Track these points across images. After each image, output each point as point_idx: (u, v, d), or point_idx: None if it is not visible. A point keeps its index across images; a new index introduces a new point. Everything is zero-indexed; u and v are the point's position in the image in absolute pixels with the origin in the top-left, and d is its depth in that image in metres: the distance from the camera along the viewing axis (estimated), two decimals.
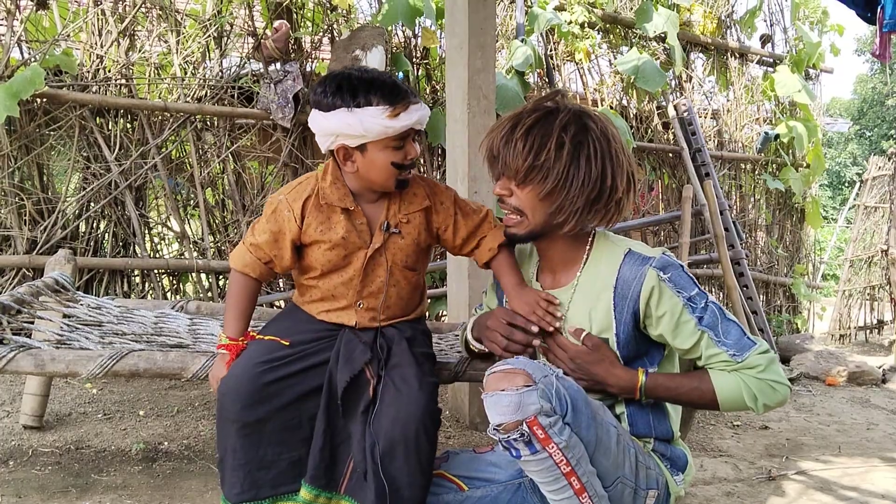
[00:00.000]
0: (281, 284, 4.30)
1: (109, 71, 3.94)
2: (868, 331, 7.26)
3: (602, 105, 5.21)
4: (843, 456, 3.09)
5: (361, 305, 1.59)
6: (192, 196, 4.16)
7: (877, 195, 7.42)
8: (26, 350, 1.71)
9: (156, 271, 3.98)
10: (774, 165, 6.26)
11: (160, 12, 4.06)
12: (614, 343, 1.48)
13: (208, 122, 4.14)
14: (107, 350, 1.77)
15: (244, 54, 4.24)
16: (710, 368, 1.43)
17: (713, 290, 5.93)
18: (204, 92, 4.10)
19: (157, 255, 4.15)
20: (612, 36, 5.43)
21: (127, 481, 2.35)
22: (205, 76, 4.12)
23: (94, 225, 3.94)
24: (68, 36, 3.93)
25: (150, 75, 4.11)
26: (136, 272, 3.98)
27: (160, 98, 4.13)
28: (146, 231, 4.06)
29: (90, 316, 2.20)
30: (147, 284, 4.00)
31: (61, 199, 3.82)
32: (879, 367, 5.08)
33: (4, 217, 3.72)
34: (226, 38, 4.22)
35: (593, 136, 1.43)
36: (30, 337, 1.95)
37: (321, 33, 4.42)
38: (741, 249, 5.19)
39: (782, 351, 5.37)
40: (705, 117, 5.99)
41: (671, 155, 5.58)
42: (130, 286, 3.98)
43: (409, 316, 1.69)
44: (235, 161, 4.19)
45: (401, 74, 4.44)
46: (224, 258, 4.05)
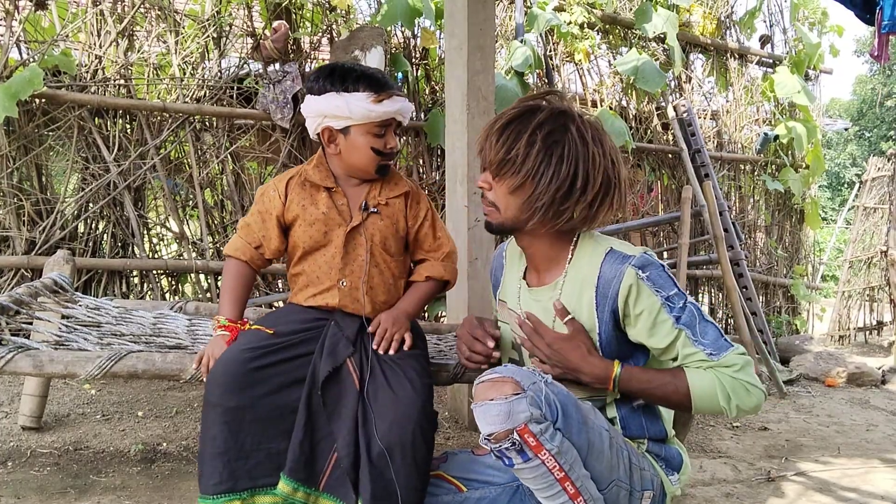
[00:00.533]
0: (280, 286, 4.30)
1: (108, 71, 3.93)
2: (867, 332, 7.26)
3: (601, 106, 5.21)
4: (842, 457, 3.09)
5: (344, 284, 1.66)
6: (191, 197, 4.16)
7: (876, 196, 7.43)
8: (25, 351, 1.71)
9: (154, 272, 3.98)
10: (774, 166, 6.26)
11: (159, 13, 4.06)
12: (597, 342, 1.48)
13: (207, 123, 4.14)
14: (105, 351, 1.76)
15: (243, 54, 4.24)
16: (687, 367, 1.42)
17: (712, 290, 5.93)
18: (203, 92, 4.10)
19: (156, 256, 4.14)
20: (611, 36, 5.43)
21: (126, 482, 2.35)
22: (203, 77, 4.12)
23: (93, 225, 3.93)
24: (67, 36, 3.92)
25: (148, 76, 4.11)
26: (135, 273, 3.98)
27: (159, 98, 4.12)
28: (145, 232, 4.05)
29: (89, 317, 2.19)
30: (146, 285, 3.99)
31: (60, 199, 3.82)
32: (879, 369, 5.08)
33: (3, 217, 3.71)
34: (225, 39, 4.22)
35: (569, 136, 1.44)
36: (28, 338, 1.95)
37: (320, 34, 4.42)
38: (740, 250, 5.19)
39: (782, 352, 5.37)
40: (705, 118, 5.99)
41: (670, 156, 5.58)
42: (129, 287, 3.97)
43: None
44: (234, 162, 4.18)
45: (400, 75, 4.44)
46: (223, 259, 4.04)
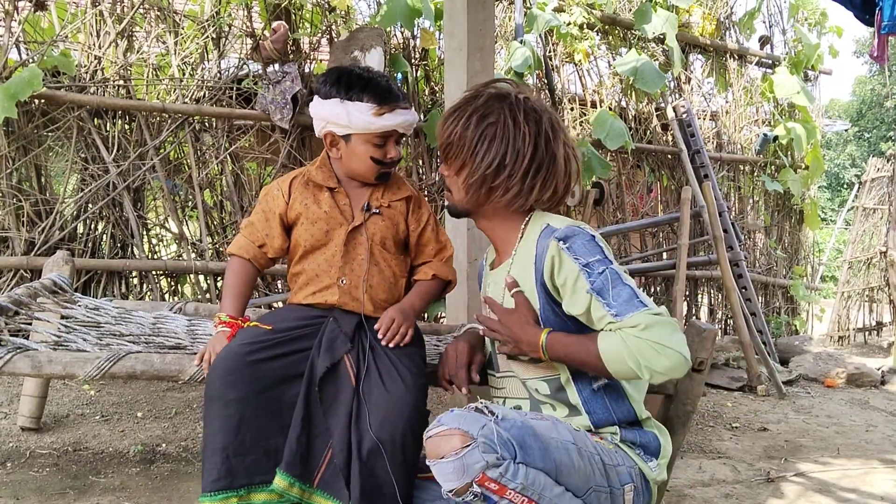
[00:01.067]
0: (280, 286, 4.30)
1: (107, 72, 3.93)
2: (867, 332, 7.27)
3: (601, 106, 5.21)
4: (841, 457, 3.09)
5: (344, 282, 1.66)
6: (191, 197, 4.16)
7: (875, 197, 7.44)
8: (23, 352, 1.70)
9: (154, 273, 3.97)
10: (773, 167, 6.26)
11: (158, 13, 4.06)
12: (539, 317, 1.48)
13: (206, 124, 4.14)
14: (104, 352, 1.76)
15: (242, 55, 4.24)
16: (601, 331, 1.40)
17: (712, 291, 5.93)
18: (202, 93, 4.09)
19: (156, 257, 4.14)
20: (610, 37, 5.43)
21: (125, 483, 2.35)
22: (203, 77, 4.12)
23: (92, 226, 3.93)
24: (66, 37, 3.92)
25: (148, 76, 4.11)
26: (134, 273, 3.97)
27: (158, 99, 4.12)
28: (144, 232, 4.05)
29: (88, 317, 2.19)
30: (145, 286, 3.99)
31: (59, 200, 3.81)
32: (878, 369, 5.08)
33: (2, 218, 3.71)
34: (224, 39, 4.22)
35: (502, 117, 1.49)
36: (27, 338, 1.95)
37: (320, 34, 4.42)
38: (740, 251, 5.19)
39: (781, 353, 5.37)
40: (704, 119, 5.99)
41: (670, 156, 5.58)
42: (128, 287, 3.97)
43: None
44: (234, 162, 4.18)
45: (399, 75, 4.44)
46: (223, 260, 4.04)
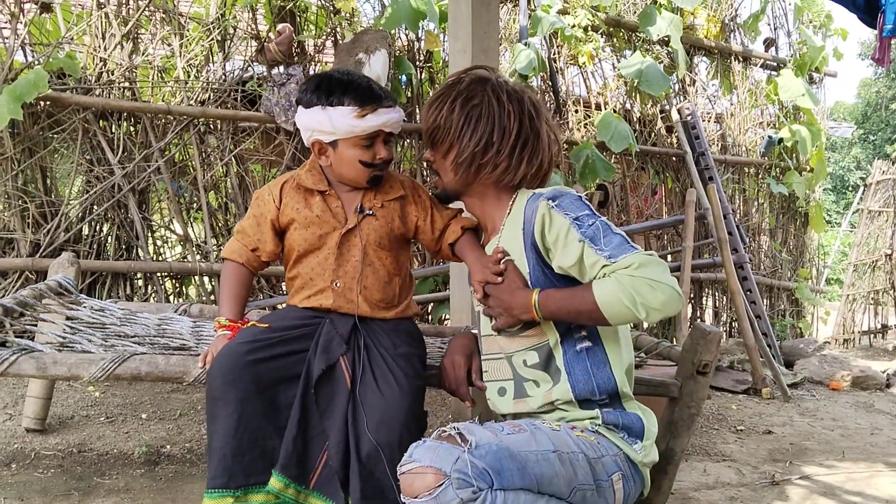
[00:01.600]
0: (284, 288, 4.30)
1: (113, 74, 3.94)
2: (872, 335, 7.24)
3: (605, 108, 5.21)
4: (847, 461, 3.08)
5: (338, 285, 1.66)
6: (195, 199, 4.16)
7: (881, 199, 7.41)
8: (28, 353, 1.71)
9: (159, 274, 3.98)
10: (778, 169, 6.25)
11: (163, 15, 4.07)
12: (529, 282, 1.52)
13: (211, 126, 4.15)
14: (108, 353, 1.76)
15: (247, 57, 4.25)
16: (595, 278, 1.42)
17: (716, 294, 5.92)
18: (207, 95, 4.11)
19: (160, 259, 4.15)
20: (615, 39, 5.43)
21: (129, 485, 2.35)
22: (208, 79, 4.13)
23: (98, 228, 3.94)
24: (72, 39, 3.94)
25: (153, 78, 4.12)
26: (139, 275, 3.98)
27: (163, 101, 4.13)
28: (149, 234, 4.06)
29: (93, 318, 2.20)
30: (150, 287, 4.00)
31: (64, 202, 3.82)
32: (884, 372, 5.06)
33: (8, 220, 3.72)
34: (229, 42, 4.23)
35: (486, 98, 1.56)
36: (33, 339, 1.95)
37: (324, 37, 4.43)
38: (745, 253, 5.17)
39: (786, 355, 5.35)
40: (709, 121, 5.99)
41: (675, 159, 5.58)
42: (133, 289, 3.98)
43: (392, 311, 1.72)
44: (238, 164, 4.19)
45: (404, 77, 4.45)
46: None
